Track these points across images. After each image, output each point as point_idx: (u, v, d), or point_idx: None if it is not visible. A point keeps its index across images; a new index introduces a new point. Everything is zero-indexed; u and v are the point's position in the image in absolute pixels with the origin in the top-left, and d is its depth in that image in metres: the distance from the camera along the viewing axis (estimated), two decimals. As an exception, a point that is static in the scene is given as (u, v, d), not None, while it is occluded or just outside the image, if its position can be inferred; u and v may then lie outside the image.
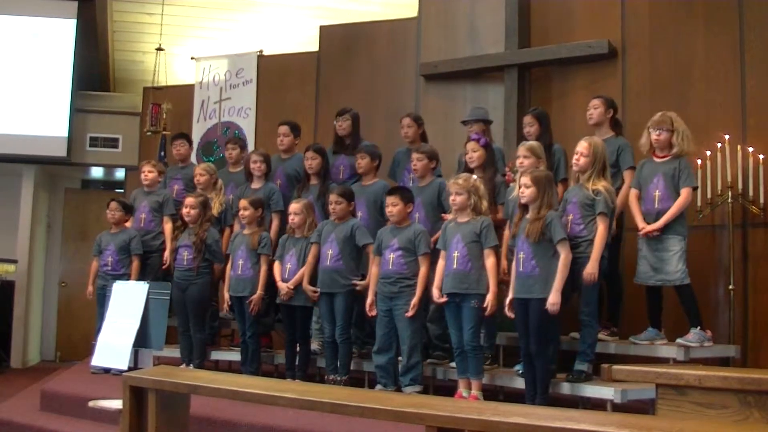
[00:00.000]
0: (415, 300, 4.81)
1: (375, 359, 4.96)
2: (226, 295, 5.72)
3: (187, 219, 5.83)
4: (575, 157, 4.66)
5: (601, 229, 4.50)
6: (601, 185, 4.55)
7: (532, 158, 4.79)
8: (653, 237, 4.73)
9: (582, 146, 4.63)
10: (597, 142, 4.65)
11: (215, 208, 6.14)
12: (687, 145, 4.79)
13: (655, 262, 4.75)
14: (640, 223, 4.81)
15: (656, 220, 4.75)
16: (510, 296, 4.51)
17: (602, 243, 4.50)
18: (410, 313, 4.79)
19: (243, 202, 5.68)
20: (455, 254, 4.65)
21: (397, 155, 6.02)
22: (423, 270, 4.85)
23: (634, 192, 4.92)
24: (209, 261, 5.84)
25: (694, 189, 4.81)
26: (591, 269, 4.45)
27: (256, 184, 6.09)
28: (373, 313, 5.01)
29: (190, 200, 5.85)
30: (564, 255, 4.34)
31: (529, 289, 4.36)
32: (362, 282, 5.16)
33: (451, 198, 4.73)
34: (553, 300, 4.29)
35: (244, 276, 5.59)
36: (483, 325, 5.04)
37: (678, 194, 4.73)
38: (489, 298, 4.53)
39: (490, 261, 4.60)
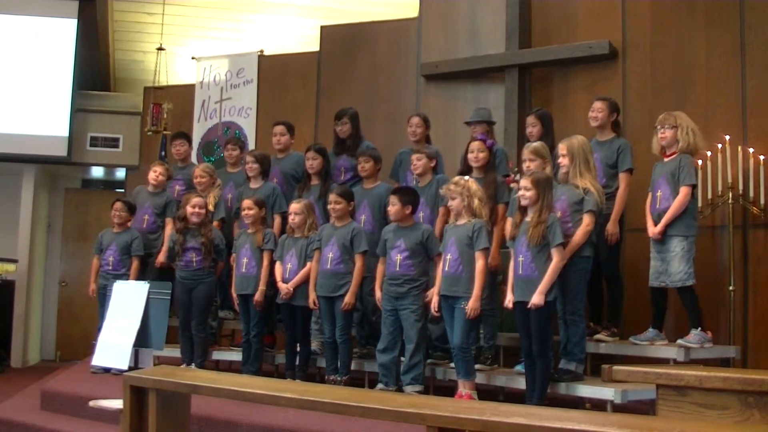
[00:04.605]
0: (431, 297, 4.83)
1: (379, 358, 4.97)
2: (234, 295, 5.73)
3: (195, 219, 5.80)
4: (558, 160, 4.77)
5: (584, 224, 4.56)
6: (590, 183, 4.62)
7: (538, 160, 4.80)
8: (657, 239, 4.76)
9: (559, 148, 4.77)
10: (572, 142, 4.71)
11: (210, 203, 6.14)
12: (694, 141, 4.78)
13: (660, 264, 4.77)
14: (649, 227, 4.84)
15: (658, 220, 4.77)
16: (509, 297, 4.51)
17: (583, 236, 4.54)
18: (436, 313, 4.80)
19: (247, 202, 5.68)
20: (448, 257, 4.68)
21: (400, 155, 6.01)
22: (439, 269, 4.82)
23: (650, 196, 4.94)
24: (214, 260, 5.86)
25: (694, 187, 4.80)
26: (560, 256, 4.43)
27: (254, 184, 6.11)
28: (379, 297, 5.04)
29: (197, 200, 5.83)
30: (556, 260, 4.36)
31: (531, 292, 4.36)
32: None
33: (448, 203, 4.77)
34: (536, 301, 4.31)
35: (249, 274, 5.59)
36: (482, 326, 5.08)
37: (678, 193, 4.74)
38: (470, 303, 4.54)
39: (478, 264, 4.60)
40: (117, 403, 3.87)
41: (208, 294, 5.84)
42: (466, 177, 4.87)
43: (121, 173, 10.08)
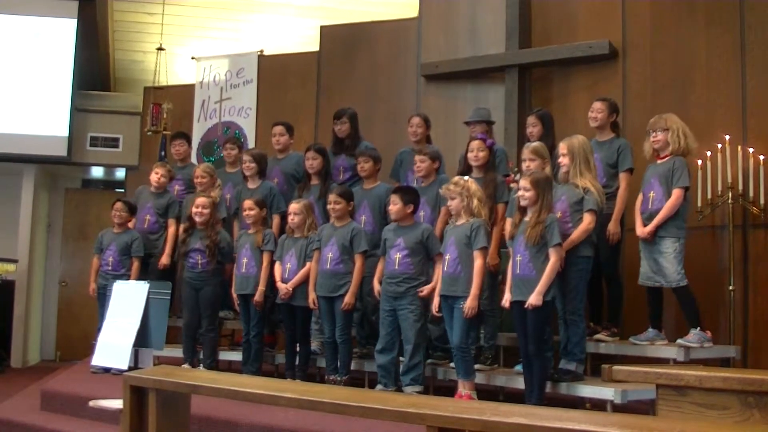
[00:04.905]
0: (427, 292, 4.84)
1: (377, 359, 4.97)
2: (234, 295, 5.74)
3: (199, 219, 5.79)
4: (559, 160, 4.76)
5: (584, 223, 4.56)
6: (590, 182, 4.61)
7: (538, 160, 4.81)
8: (648, 240, 4.76)
9: (560, 148, 4.76)
10: (572, 141, 4.71)
11: None
12: (685, 143, 4.79)
13: (652, 264, 4.77)
14: (638, 228, 4.84)
15: (649, 221, 4.78)
16: (507, 296, 4.51)
17: (581, 234, 4.54)
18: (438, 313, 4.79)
19: (248, 203, 5.68)
20: (447, 257, 4.69)
21: (401, 155, 6.01)
22: (438, 269, 4.83)
23: (639, 196, 4.94)
24: (220, 261, 5.86)
25: (686, 189, 4.80)
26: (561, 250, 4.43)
27: (251, 184, 6.11)
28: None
29: (202, 200, 5.82)
30: (553, 260, 4.35)
31: (528, 291, 4.36)
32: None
33: (448, 204, 4.77)
34: (534, 301, 4.30)
35: (249, 274, 5.59)
36: (482, 326, 5.08)
37: (670, 194, 4.74)
38: (468, 303, 4.54)
39: (476, 263, 4.61)
40: (117, 403, 3.87)
41: (214, 295, 5.83)
42: (466, 177, 4.87)
43: (121, 173, 10.08)
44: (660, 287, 4.82)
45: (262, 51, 8.50)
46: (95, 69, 9.86)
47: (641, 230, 4.80)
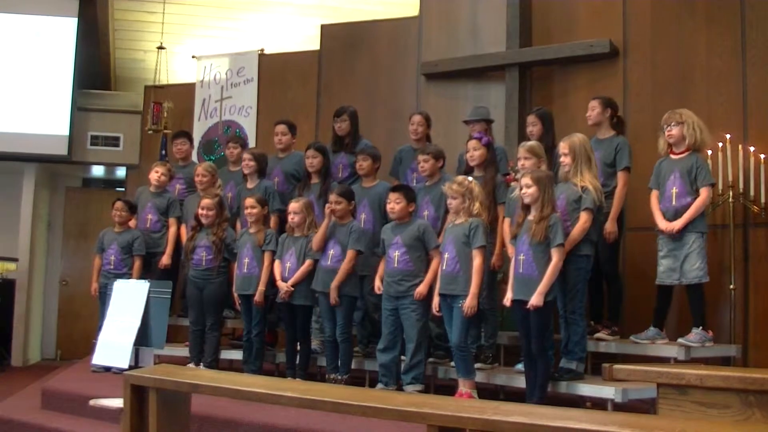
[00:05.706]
0: (421, 289, 4.82)
1: (379, 357, 4.97)
2: (236, 294, 5.73)
3: (204, 221, 5.80)
4: (560, 159, 4.75)
5: (581, 221, 4.55)
6: (589, 181, 4.60)
7: (533, 159, 4.80)
8: (673, 236, 4.71)
9: (561, 147, 4.75)
10: (573, 140, 4.70)
11: None
12: (701, 136, 4.78)
13: (673, 262, 4.73)
14: (661, 223, 4.78)
15: (674, 217, 4.74)
16: (509, 295, 4.51)
17: (580, 233, 4.54)
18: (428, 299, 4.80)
19: (249, 201, 5.68)
20: (446, 256, 4.69)
21: (400, 153, 6.01)
22: (435, 263, 4.84)
23: (654, 193, 4.90)
24: (227, 260, 5.85)
25: (712, 186, 4.81)
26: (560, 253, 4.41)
27: (250, 183, 6.12)
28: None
29: (206, 202, 5.82)
30: (555, 260, 4.34)
31: (530, 291, 4.35)
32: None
33: (448, 201, 4.77)
34: (535, 302, 4.29)
35: (251, 274, 5.59)
36: (483, 325, 5.08)
37: (694, 191, 4.73)
38: (467, 302, 4.54)
39: (475, 262, 4.61)
40: (117, 402, 3.87)
41: (218, 294, 5.83)
42: (470, 178, 4.86)
43: (121, 172, 10.08)
44: (673, 286, 4.79)
45: (262, 50, 8.49)
46: (96, 68, 9.85)
47: (668, 225, 4.72)
